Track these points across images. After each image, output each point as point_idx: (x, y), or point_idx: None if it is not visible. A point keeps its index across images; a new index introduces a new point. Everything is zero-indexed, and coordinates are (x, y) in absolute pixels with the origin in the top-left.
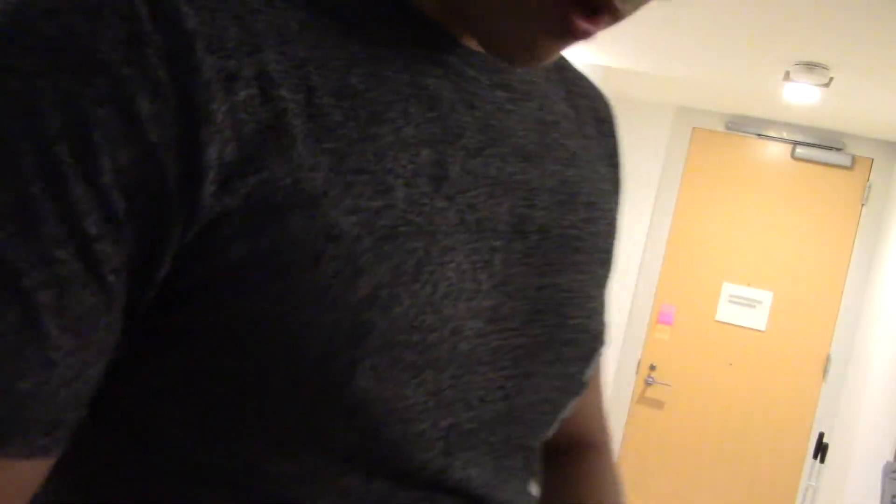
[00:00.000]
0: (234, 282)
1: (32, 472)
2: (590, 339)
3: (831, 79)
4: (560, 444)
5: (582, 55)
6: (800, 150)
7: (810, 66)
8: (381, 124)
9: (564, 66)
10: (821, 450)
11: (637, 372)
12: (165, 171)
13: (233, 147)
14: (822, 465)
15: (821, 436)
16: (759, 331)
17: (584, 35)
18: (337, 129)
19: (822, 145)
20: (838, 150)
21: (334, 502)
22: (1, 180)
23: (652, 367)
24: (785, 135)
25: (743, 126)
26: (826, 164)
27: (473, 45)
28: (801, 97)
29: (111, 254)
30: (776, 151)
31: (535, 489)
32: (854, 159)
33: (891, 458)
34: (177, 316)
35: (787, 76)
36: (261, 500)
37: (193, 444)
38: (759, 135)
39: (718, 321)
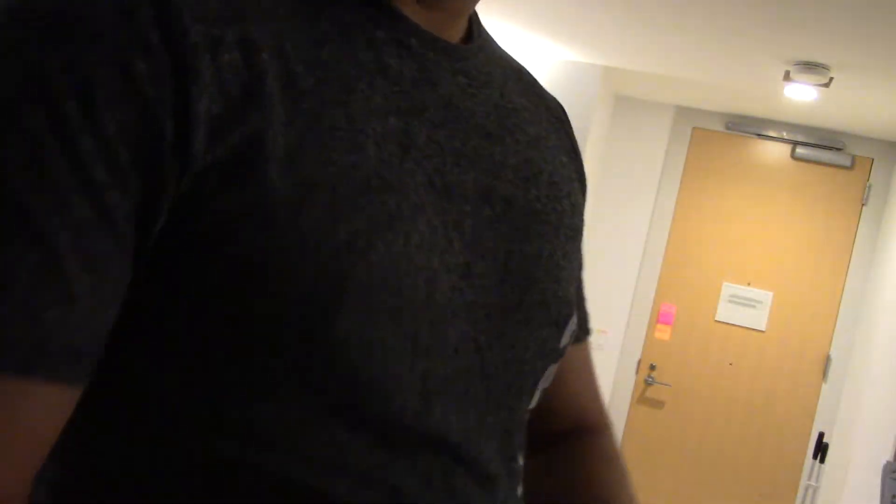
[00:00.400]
0: (222, 231)
1: (59, 399)
2: (560, 304)
3: (831, 79)
4: (561, 429)
5: (582, 55)
6: (800, 150)
7: (810, 66)
8: (350, 92)
9: (522, 71)
10: (821, 450)
11: (637, 372)
12: (162, 124)
13: (219, 103)
14: (822, 465)
15: (821, 436)
16: (759, 331)
17: None
18: (310, 93)
19: (822, 145)
20: (838, 150)
21: (320, 454)
22: (16, 137)
23: (652, 367)
24: (785, 135)
25: (743, 126)
26: (826, 164)
27: (433, 33)
28: (801, 97)
29: (120, 202)
30: (776, 151)
31: (520, 459)
32: (854, 159)
33: (891, 458)
34: (170, 267)
35: (787, 76)
36: (250, 453)
37: (182, 396)
38: (759, 135)
39: (718, 321)
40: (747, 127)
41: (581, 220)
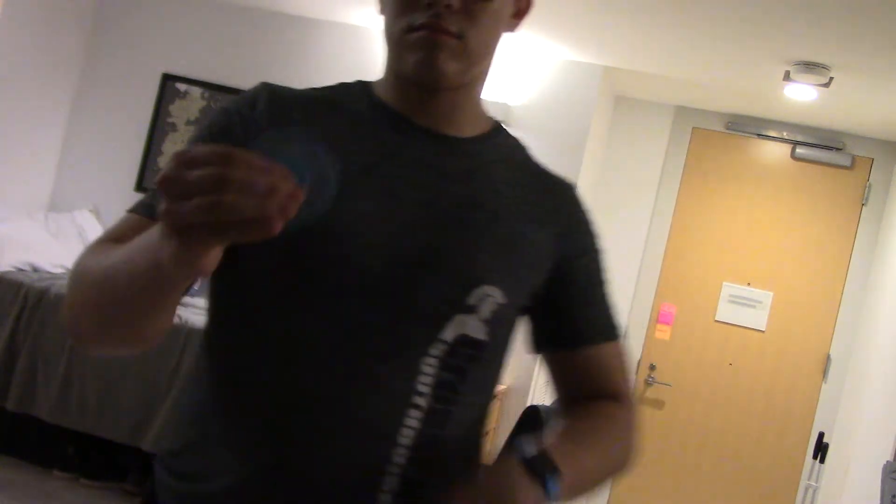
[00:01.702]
0: None
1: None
2: (470, 272)
3: (831, 79)
4: (585, 395)
5: (582, 55)
6: (800, 150)
7: (810, 66)
8: (345, 154)
9: (528, 164)
10: (821, 450)
11: (637, 372)
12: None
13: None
14: (822, 465)
15: (821, 436)
16: (759, 331)
17: (441, 47)
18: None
19: (822, 145)
20: (838, 150)
21: (324, 323)
22: (195, 133)
23: (652, 367)
24: (785, 135)
25: (743, 126)
26: (826, 164)
27: (425, 126)
28: (801, 97)
29: None
30: (776, 151)
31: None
32: (854, 159)
33: (891, 458)
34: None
35: (787, 76)
36: (283, 335)
37: (241, 311)
38: (759, 135)
39: (718, 321)
40: (747, 127)
41: (540, 252)
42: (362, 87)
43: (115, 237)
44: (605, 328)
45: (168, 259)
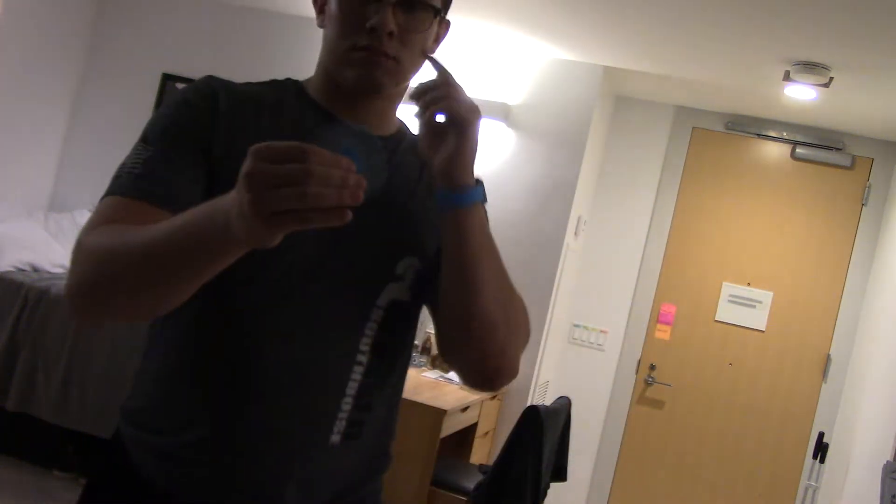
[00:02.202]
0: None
1: (157, 216)
2: (396, 246)
3: (831, 79)
4: None
5: (582, 55)
6: (800, 150)
7: (810, 66)
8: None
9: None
10: (821, 450)
11: (637, 372)
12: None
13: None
14: (822, 465)
15: (821, 436)
16: (759, 331)
17: (379, 67)
18: (240, 128)
19: (822, 145)
20: (838, 150)
21: (277, 296)
22: (159, 123)
23: (652, 367)
24: (785, 135)
25: (743, 126)
26: (826, 164)
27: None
28: (801, 97)
29: (189, 145)
30: (776, 151)
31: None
32: (854, 159)
33: (891, 458)
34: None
35: (787, 76)
36: (242, 307)
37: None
38: (759, 135)
39: (718, 321)
40: (747, 127)
41: (424, 206)
42: (294, 85)
43: (116, 219)
44: None
45: (244, 236)
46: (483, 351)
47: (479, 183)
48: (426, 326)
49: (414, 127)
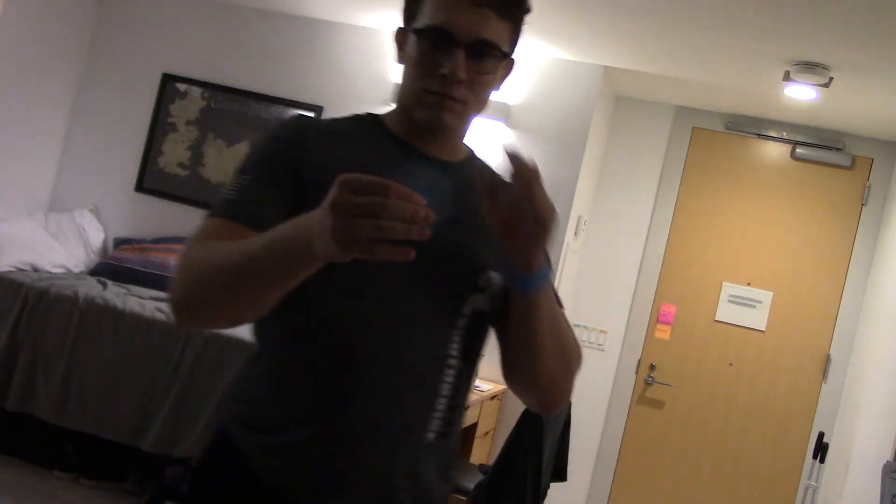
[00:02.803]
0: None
1: (248, 235)
2: (478, 261)
3: (831, 79)
4: None
5: (583, 55)
6: (800, 150)
7: (810, 66)
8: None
9: (489, 173)
10: (821, 450)
11: (637, 372)
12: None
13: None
14: (822, 465)
15: (821, 436)
16: (759, 331)
17: (448, 110)
18: (326, 159)
19: (822, 145)
20: (838, 150)
21: (378, 305)
22: (253, 155)
23: (652, 367)
24: (785, 135)
25: (743, 126)
26: (826, 164)
27: (428, 154)
28: (801, 97)
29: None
30: (776, 151)
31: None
32: (854, 159)
33: (891, 458)
34: None
35: (787, 76)
36: (345, 315)
37: (307, 295)
38: (759, 135)
39: (718, 321)
40: (747, 127)
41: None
42: (374, 119)
43: (212, 237)
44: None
45: (321, 254)
46: (544, 394)
47: (546, 259)
48: None
49: (480, 151)
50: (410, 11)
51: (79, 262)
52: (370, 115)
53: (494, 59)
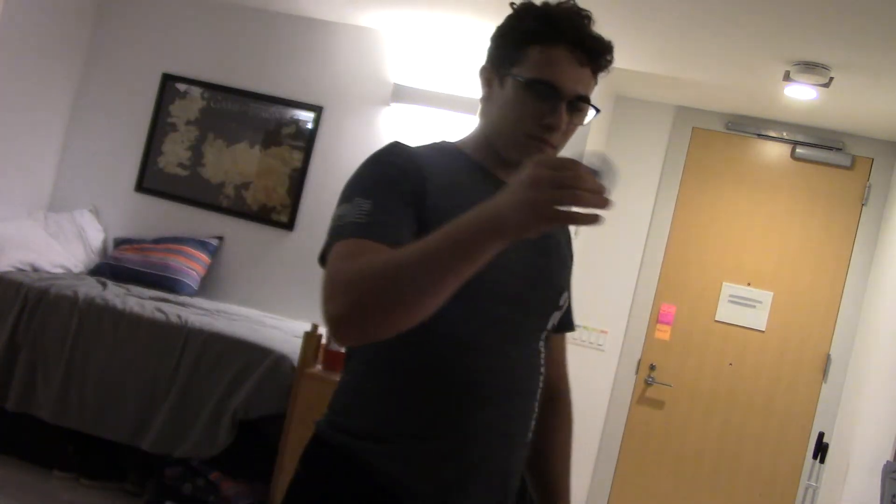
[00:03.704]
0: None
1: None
2: (559, 283)
3: (831, 79)
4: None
5: None
6: (800, 150)
7: (810, 66)
8: (466, 199)
9: None
10: (821, 450)
11: (637, 372)
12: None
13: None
14: (822, 465)
15: (821, 436)
16: (759, 331)
17: (540, 151)
18: (444, 197)
19: (822, 145)
20: (838, 150)
21: (487, 323)
22: (368, 179)
23: (652, 367)
24: (785, 135)
25: (743, 126)
26: (826, 164)
27: (507, 181)
28: (801, 97)
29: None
30: (776, 151)
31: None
32: (854, 159)
33: (891, 458)
34: None
35: (787, 76)
36: (459, 332)
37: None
38: (759, 135)
39: (718, 321)
40: (747, 127)
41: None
42: (454, 147)
43: (360, 255)
44: (571, 321)
45: (516, 231)
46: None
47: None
48: None
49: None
50: (510, 58)
51: (79, 262)
52: (449, 144)
53: (586, 111)
